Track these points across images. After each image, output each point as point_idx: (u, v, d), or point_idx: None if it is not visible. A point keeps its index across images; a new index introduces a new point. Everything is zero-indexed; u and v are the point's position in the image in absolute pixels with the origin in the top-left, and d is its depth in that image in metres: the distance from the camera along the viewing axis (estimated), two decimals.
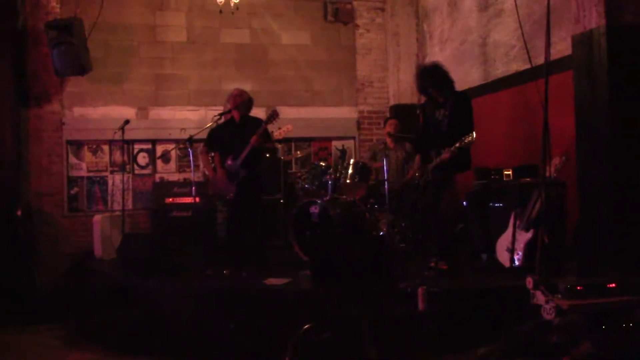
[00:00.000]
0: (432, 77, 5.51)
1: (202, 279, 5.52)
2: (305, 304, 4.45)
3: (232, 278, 5.52)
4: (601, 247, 4.72)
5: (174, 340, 4.83)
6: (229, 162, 6.08)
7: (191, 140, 6.32)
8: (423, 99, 5.91)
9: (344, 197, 6.62)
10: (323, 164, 6.90)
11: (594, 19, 4.75)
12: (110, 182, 8.49)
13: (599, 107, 4.73)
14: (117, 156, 8.49)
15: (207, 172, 7.03)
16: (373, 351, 3.52)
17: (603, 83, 4.67)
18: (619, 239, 4.61)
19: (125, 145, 8.24)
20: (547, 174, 4.59)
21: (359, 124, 9.25)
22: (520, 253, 4.92)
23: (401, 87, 9.07)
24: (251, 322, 4.45)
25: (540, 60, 5.29)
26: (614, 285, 3.88)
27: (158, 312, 5.06)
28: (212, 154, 6.52)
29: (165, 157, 8.55)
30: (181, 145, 8.09)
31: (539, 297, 3.82)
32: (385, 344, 3.53)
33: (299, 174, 7.57)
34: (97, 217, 7.38)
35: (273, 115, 6.03)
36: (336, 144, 9.00)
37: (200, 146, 6.80)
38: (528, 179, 5.44)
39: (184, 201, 7.62)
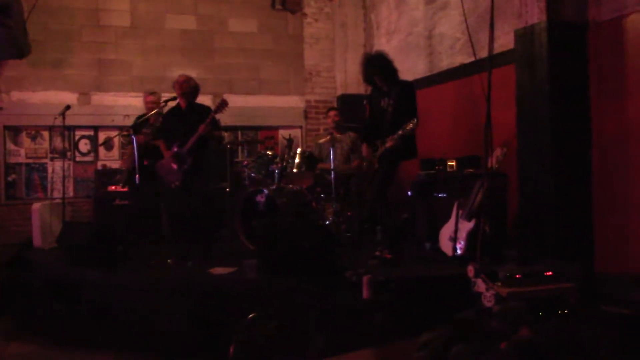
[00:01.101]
0: (377, 65, 5.57)
1: (146, 269, 5.43)
2: (251, 293, 4.44)
3: (177, 268, 5.45)
4: (540, 237, 4.87)
5: (117, 332, 4.74)
6: (175, 149, 5.99)
7: (135, 128, 6.20)
8: (370, 90, 5.96)
9: (291, 186, 6.61)
10: (270, 153, 6.87)
11: (536, 15, 4.89)
12: (50, 169, 8.26)
13: (540, 100, 4.87)
14: (58, 142, 8.26)
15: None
16: (319, 340, 3.54)
17: (543, 76, 4.81)
18: (558, 229, 4.77)
19: (66, 132, 8.03)
20: (489, 165, 4.70)
21: (306, 113, 9.25)
22: (463, 242, 5.03)
23: (348, 77, 9.11)
24: (196, 312, 4.41)
25: (484, 53, 5.39)
26: (551, 273, 4.02)
27: (100, 303, 4.95)
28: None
29: (108, 144, 8.37)
30: (124, 132, 7.91)
31: (480, 285, 3.92)
32: (331, 332, 3.56)
33: (245, 163, 7.52)
34: (36, 205, 7.16)
35: (222, 105, 5.98)
36: (283, 133, 8.97)
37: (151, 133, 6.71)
38: (471, 170, 5.56)
39: (126, 188, 7.45)
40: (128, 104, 8.41)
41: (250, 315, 2.45)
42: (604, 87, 4.80)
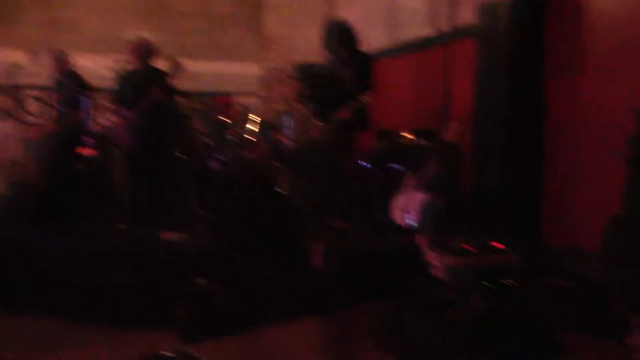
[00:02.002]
0: (338, 33, 5.54)
1: (96, 233, 5.33)
2: (202, 260, 4.40)
3: (128, 232, 5.37)
4: (491, 210, 4.95)
5: (66, 299, 4.62)
6: (128, 113, 5.85)
7: (88, 88, 6.03)
8: (328, 59, 5.92)
9: (246, 154, 6.55)
10: (226, 120, 6.78)
11: None
12: None
13: (498, 76, 4.91)
14: (5, 102, 7.97)
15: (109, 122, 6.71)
16: (267, 308, 3.53)
17: (504, 50, 4.84)
18: (508, 203, 4.86)
19: (15, 91, 7.74)
20: (445, 138, 4.74)
21: (264, 80, 9.15)
22: (415, 213, 5.08)
23: (307, 45, 9.00)
24: (146, 277, 4.34)
25: (444, 26, 5.41)
26: (499, 245, 4.10)
27: (49, 268, 4.83)
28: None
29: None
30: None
31: (430, 255, 3.98)
32: (282, 300, 3.56)
33: (200, 129, 7.41)
34: None
35: (177, 70, 5.84)
36: (240, 100, 8.86)
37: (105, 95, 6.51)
38: (426, 142, 5.59)
39: (79, 152, 7.25)
40: (81, 65, 8.15)
41: (200, 279, 2.42)
42: (560, 65, 4.87)
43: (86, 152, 6.85)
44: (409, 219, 5.10)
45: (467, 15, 5.66)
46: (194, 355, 1.63)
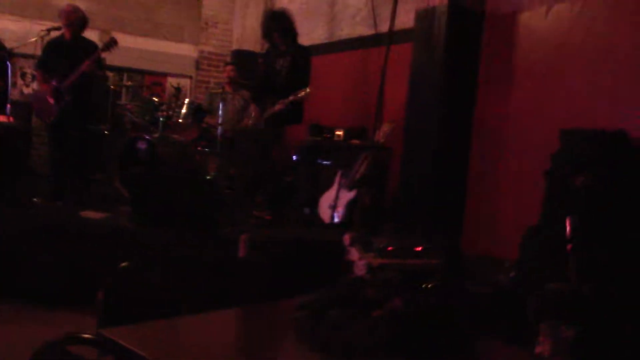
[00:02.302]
0: (278, 22, 5.49)
1: (10, 206, 5.09)
2: (124, 241, 4.28)
3: (45, 207, 5.16)
4: (416, 213, 5.05)
5: None
6: (54, 83, 5.62)
7: (10, 53, 5.74)
8: (266, 48, 5.88)
9: (175, 136, 6.43)
10: (156, 100, 6.62)
11: None
12: None
13: (431, 81, 5.01)
14: None
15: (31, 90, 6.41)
16: (184, 293, 3.46)
17: (438, 58, 4.95)
18: (433, 207, 4.97)
19: None
20: (376, 138, 4.80)
21: (197, 63, 8.98)
22: (341, 211, 5.13)
23: (246, 32, 8.91)
24: (65, 256, 4.19)
25: (384, 28, 5.46)
26: (420, 248, 4.19)
27: None
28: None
29: None
30: None
31: (353, 254, 4.02)
32: (203, 289, 3.50)
33: (128, 106, 7.21)
34: None
35: (111, 44, 5.64)
36: (172, 81, 8.67)
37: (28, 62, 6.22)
38: (357, 141, 5.65)
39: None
40: (4, 27, 7.74)
41: (123, 264, 2.35)
42: (492, 75, 5.02)
43: (2, 118, 6.53)
44: (335, 216, 5.14)
45: (406, 19, 5.74)
46: (113, 338, 1.58)
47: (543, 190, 3.90)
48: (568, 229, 3.31)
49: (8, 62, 5.64)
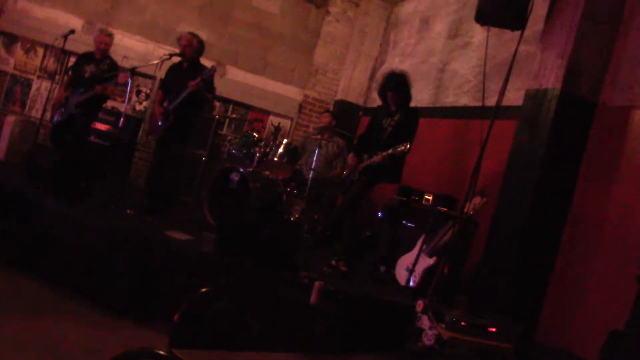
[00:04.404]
0: (396, 83, 5.54)
1: (103, 211, 5.34)
2: (204, 266, 4.39)
3: (135, 219, 5.38)
4: (494, 291, 4.91)
5: (62, 267, 4.60)
6: (165, 104, 5.92)
7: (133, 71, 6.10)
8: (368, 102, 5.96)
9: (267, 173, 6.58)
10: (256, 135, 6.83)
11: (551, 81, 4.93)
12: (34, 87, 8.09)
13: (532, 162, 4.91)
14: (51, 63, 8.10)
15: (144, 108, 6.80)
16: (255, 328, 3.51)
17: (543, 140, 4.86)
18: (512, 289, 4.82)
19: (63, 56, 7.86)
20: (466, 209, 4.74)
21: (301, 107, 9.23)
22: (418, 276, 5.06)
23: (351, 84, 9.11)
24: (145, 269, 4.33)
25: (489, 102, 5.44)
26: (494, 329, 4.07)
27: (51, 232, 4.83)
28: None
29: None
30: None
31: (424, 322, 3.95)
32: (270, 326, 3.54)
33: (229, 137, 7.47)
34: (10, 118, 7.02)
35: (211, 70, 5.83)
36: (273, 120, 8.94)
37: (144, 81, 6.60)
38: (445, 209, 5.59)
39: (105, 129, 7.32)
40: (130, 46, 8.30)
41: (204, 289, 2.41)
42: (596, 168, 4.87)
43: (101, 126, 6.91)
44: (411, 280, 5.08)
45: (514, 96, 5.70)
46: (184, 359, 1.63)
47: (634, 295, 3.71)
48: None
49: (130, 79, 5.98)
